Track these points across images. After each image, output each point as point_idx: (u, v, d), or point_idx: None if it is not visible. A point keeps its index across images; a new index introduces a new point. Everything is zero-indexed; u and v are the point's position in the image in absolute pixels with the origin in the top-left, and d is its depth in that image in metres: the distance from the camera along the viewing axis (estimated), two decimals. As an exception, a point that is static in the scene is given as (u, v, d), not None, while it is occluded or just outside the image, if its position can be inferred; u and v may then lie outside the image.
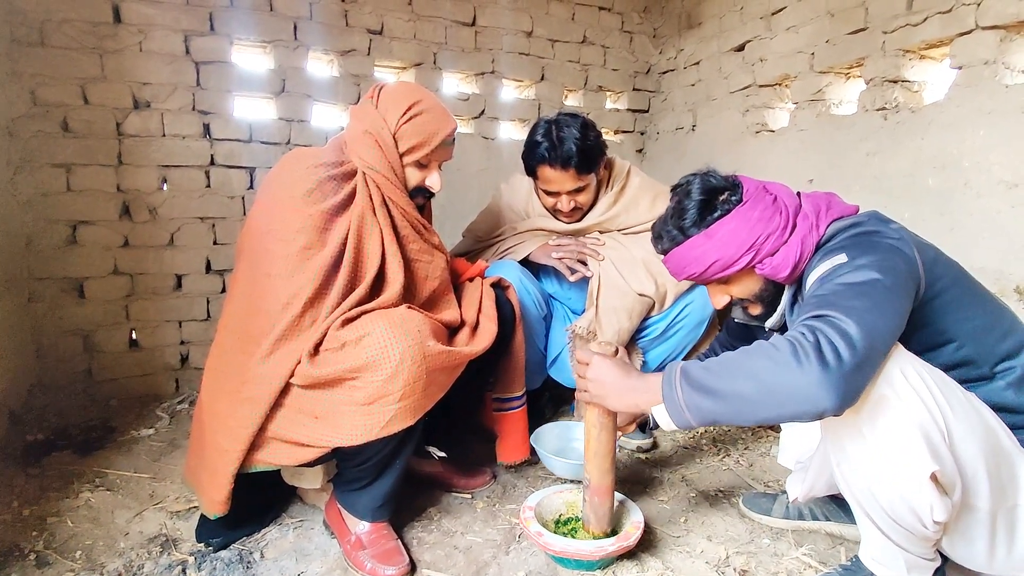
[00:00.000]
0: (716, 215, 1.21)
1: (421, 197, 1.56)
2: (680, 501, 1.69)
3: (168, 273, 2.43)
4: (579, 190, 1.91)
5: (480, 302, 1.60)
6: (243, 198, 2.52)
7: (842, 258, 1.09)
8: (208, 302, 2.51)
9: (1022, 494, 1.05)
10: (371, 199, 1.43)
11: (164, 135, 2.36)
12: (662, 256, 1.32)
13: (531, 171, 1.94)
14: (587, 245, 1.96)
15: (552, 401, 2.25)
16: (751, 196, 1.20)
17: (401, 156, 1.47)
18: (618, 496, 1.52)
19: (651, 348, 2.00)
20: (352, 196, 1.42)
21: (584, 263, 1.93)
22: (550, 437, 1.81)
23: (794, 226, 1.19)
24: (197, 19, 2.36)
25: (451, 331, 1.50)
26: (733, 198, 1.21)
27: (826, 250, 1.15)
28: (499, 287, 1.72)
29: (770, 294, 1.28)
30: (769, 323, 1.32)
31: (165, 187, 2.40)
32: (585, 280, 1.94)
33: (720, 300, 1.31)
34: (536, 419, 2.00)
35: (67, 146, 2.23)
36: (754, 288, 1.27)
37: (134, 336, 2.43)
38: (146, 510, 1.60)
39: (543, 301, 2.01)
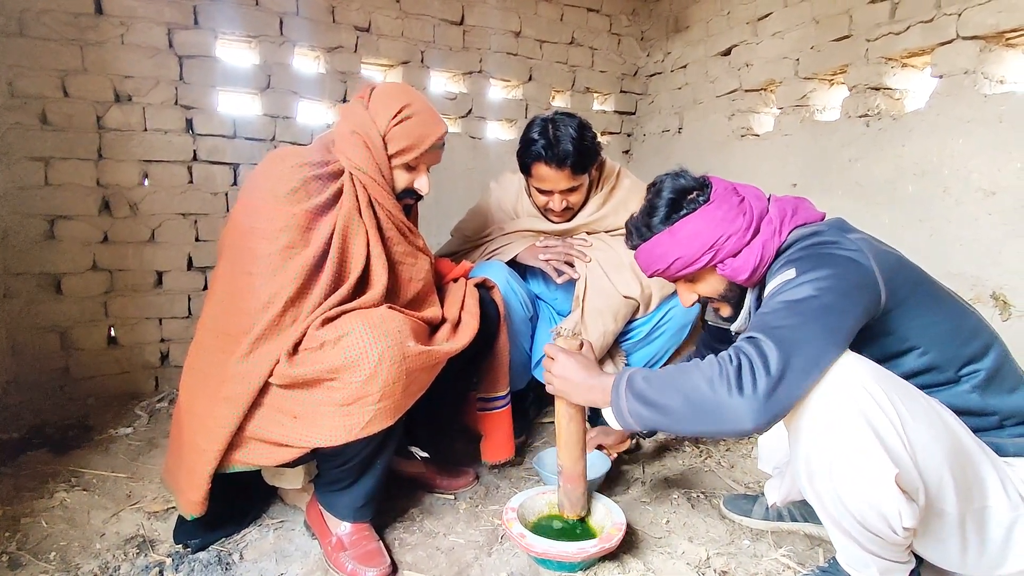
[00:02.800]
0: (682, 213, 1.25)
1: (409, 199, 1.55)
2: (662, 502, 1.70)
3: (148, 270, 2.40)
4: (572, 190, 1.91)
5: (463, 300, 1.60)
6: (226, 194, 2.50)
7: (791, 274, 1.12)
8: (189, 299, 2.48)
9: (990, 496, 1.07)
10: (357, 200, 1.42)
11: (146, 129, 2.33)
12: (632, 252, 1.36)
13: (525, 168, 1.93)
14: (574, 247, 1.96)
15: (536, 402, 2.25)
16: (718, 196, 1.24)
17: (390, 158, 1.46)
18: (600, 497, 1.53)
19: (635, 351, 2.00)
20: (337, 196, 1.41)
21: (571, 265, 1.94)
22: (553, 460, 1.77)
23: (757, 230, 1.22)
24: (181, 12, 2.33)
25: (432, 328, 1.49)
26: (700, 198, 1.25)
27: (783, 260, 1.18)
28: (484, 287, 1.72)
29: (735, 295, 1.31)
30: (734, 327, 1.35)
31: (146, 182, 2.37)
32: (571, 281, 1.94)
33: (688, 298, 1.36)
34: (520, 420, 2.00)
35: (45, 139, 2.18)
36: (719, 288, 1.30)
37: (113, 333, 2.39)
38: (123, 510, 1.57)
39: (529, 302, 2.00)
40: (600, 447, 1.76)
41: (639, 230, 1.31)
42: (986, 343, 1.16)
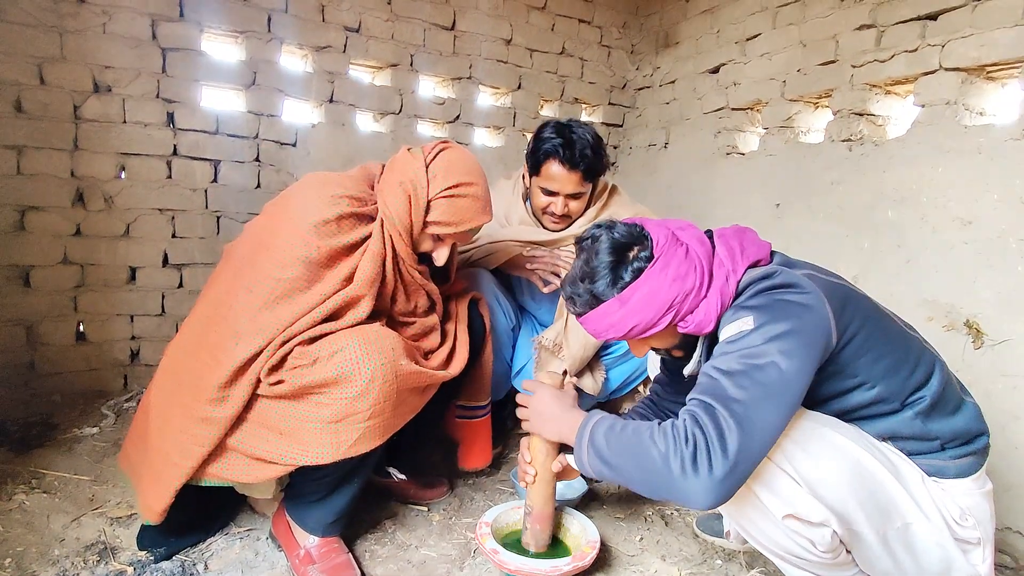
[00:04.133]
0: (627, 278, 1.14)
1: (422, 265, 1.52)
2: (635, 518, 1.70)
3: (122, 265, 2.34)
4: (577, 196, 1.90)
5: (455, 329, 1.58)
6: (206, 191, 2.45)
7: (748, 322, 1.06)
8: (163, 297, 2.42)
9: (910, 514, 1.10)
10: (384, 249, 1.38)
11: (125, 121, 2.27)
12: (577, 317, 1.25)
13: (536, 166, 1.88)
14: (561, 257, 1.95)
15: (514, 413, 2.23)
16: (663, 251, 1.14)
17: (425, 224, 1.41)
18: (575, 513, 1.52)
19: (614, 366, 2.00)
20: (364, 240, 1.37)
21: (558, 275, 1.93)
22: None
23: (711, 278, 1.15)
24: (166, 3, 2.28)
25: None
26: (643, 254, 1.15)
27: (737, 305, 1.13)
28: (471, 300, 1.71)
29: (688, 339, 1.25)
30: (687, 370, 1.30)
31: (123, 175, 2.31)
32: (556, 292, 1.93)
33: (640, 351, 1.29)
34: (497, 430, 1.98)
35: (19, 127, 2.12)
36: (674, 341, 1.25)
37: (82, 329, 2.32)
38: (84, 515, 1.52)
39: (513, 312, 1.99)
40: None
41: (582, 297, 1.18)
42: (929, 369, 1.16)
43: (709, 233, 1.24)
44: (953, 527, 1.12)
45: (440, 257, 1.48)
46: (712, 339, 1.20)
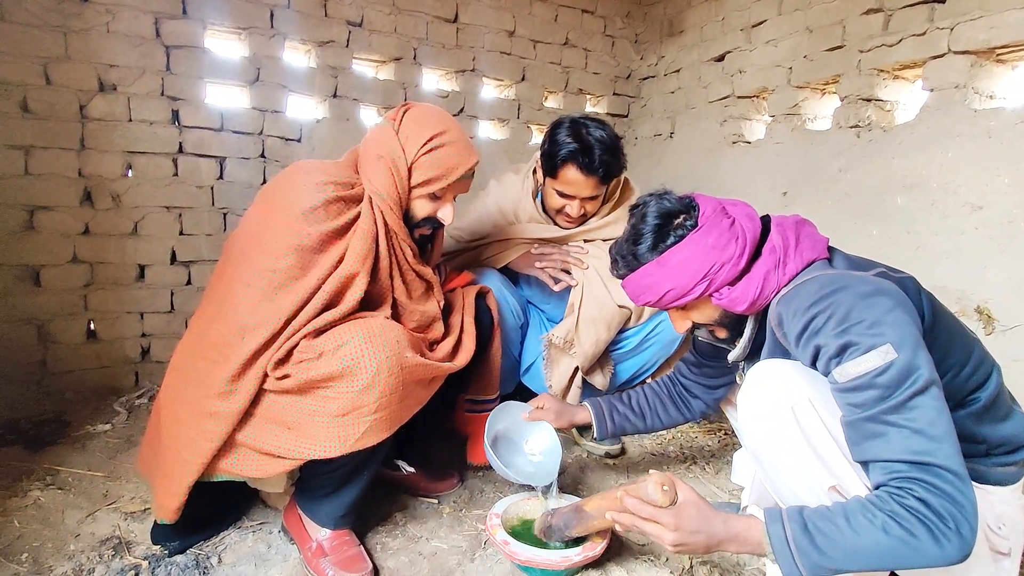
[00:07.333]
0: (670, 242, 1.16)
1: (427, 227, 1.50)
2: (646, 509, 1.70)
3: (130, 263, 2.35)
4: (594, 197, 1.87)
5: (462, 319, 1.58)
6: (212, 188, 2.45)
7: (888, 352, 0.97)
8: (172, 294, 2.44)
9: None
10: (376, 226, 1.38)
11: (130, 120, 2.28)
12: (619, 281, 1.27)
13: (552, 170, 1.83)
14: (570, 254, 1.94)
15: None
16: (707, 220, 1.15)
17: (412, 188, 1.41)
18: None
19: (623, 360, 1.99)
20: (354, 221, 1.37)
21: (568, 272, 1.92)
22: (499, 425, 1.65)
23: (753, 255, 1.14)
24: (169, 1, 2.28)
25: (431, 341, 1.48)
26: (688, 222, 1.16)
27: (839, 325, 1.01)
28: (479, 294, 1.71)
29: (732, 319, 1.24)
30: (732, 356, 1.29)
31: (130, 174, 2.32)
32: (566, 288, 1.92)
33: (681, 326, 1.28)
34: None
35: (26, 127, 2.13)
36: (714, 315, 1.23)
37: (92, 327, 2.34)
38: (99, 510, 1.54)
39: (520, 310, 1.99)
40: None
41: (625, 259, 1.22)
42: (988, 371, 1.13)
43: (767, 218, 1.22)
44: (989, 535, 1.09)
45: (446, 216, 1.48)
46: (762, 325, 1.20)
